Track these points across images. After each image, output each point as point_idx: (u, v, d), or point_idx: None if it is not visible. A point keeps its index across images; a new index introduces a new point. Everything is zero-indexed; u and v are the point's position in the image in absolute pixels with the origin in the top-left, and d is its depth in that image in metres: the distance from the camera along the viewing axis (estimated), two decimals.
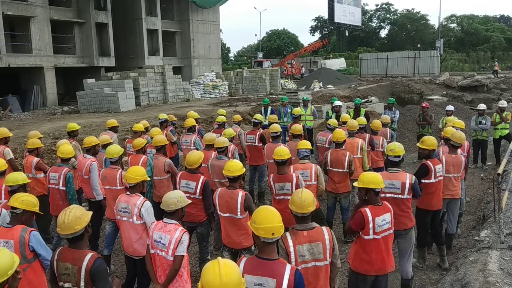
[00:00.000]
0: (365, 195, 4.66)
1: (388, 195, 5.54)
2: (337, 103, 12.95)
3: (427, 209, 6.53)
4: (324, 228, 4.00)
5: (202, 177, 6.10)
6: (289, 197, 5.84)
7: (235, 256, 5.59)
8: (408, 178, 5.59)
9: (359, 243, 4.68)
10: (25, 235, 4.17)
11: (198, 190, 6.02)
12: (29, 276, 4.08)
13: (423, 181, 6.31)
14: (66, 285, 3.64)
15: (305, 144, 6.92)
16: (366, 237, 4.57)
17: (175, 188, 6.60)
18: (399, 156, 5.69)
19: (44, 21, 29.14)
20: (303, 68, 47.34)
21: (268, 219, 3.37)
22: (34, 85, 28.80)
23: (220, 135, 8.14)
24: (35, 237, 4.22)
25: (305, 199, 3.93)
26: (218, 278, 2.55)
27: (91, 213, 3.73)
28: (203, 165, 6.48)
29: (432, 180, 6.35)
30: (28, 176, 5.98)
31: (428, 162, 6.35)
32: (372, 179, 4.62)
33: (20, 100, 28.26)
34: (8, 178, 5.35)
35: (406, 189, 5.56)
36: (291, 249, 3.88)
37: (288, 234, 3.93)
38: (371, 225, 4.53)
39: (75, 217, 3.54)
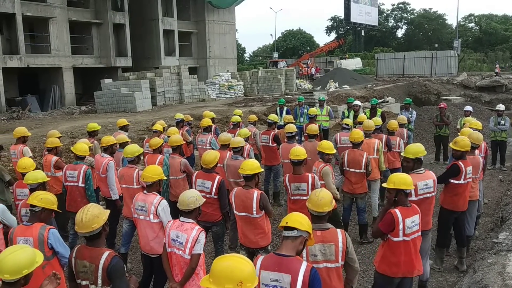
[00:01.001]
0: (395, 196, 4.60)
1: (423, 196, 5.47)
2: (357, 102, 12.86)
3: (453, 209, 6.45)
4: (339, 230, 3.98)
5: (217, 177, 6.12)
6: (304, 198, 5.88)
7: (251, 255, 5.60)
8: (434, 175, 5.62)
9: (388, 245, 4.61)
10: (44, 232, 4.23)
11: (213, 190, 6.04)
12: (48, 273, 4.12)
13: (452, 181, 6.26)
14: (84, 282, 3.69)
15: (330, 149, 6.81)
16: (395, 239, 4.51)
17: (190, 188, 6.64)
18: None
19: (62, 22, 29.56)
20: (313, 68, 47.03)
21: (290, 217, 3.49)
22: (52, 85, 29.22)
23: (235, 135, 8.17)
24: (54, 234, 4.28)
25: (322, 198, 3.93)
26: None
27: (108, 211, 3.77)
28: (218, 165, 6.51)
29: (461, 181, 6.26)
30: (47, 175, 6.07)
31: (460, 162, 6.26)
32: (403, 180, 4.58)
33: (39, 99, 28.70)
34: (27, 177, 5.44)
35: (436, 186, 5.56)
36: None
37: None
38: (401, 226, 4.47)
39: (92, 215, 3.58)
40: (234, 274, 2.50)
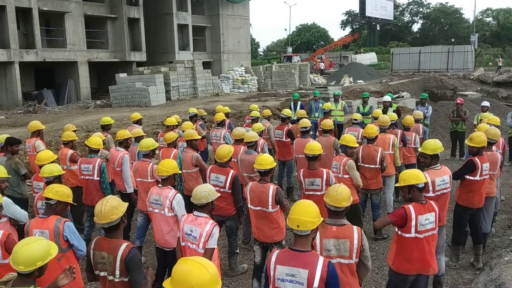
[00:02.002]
0: (408, 193, 4.55)
1: (440, 192, 5.43)
2: (386, 98, 12.70)
3: (468, 206, 6.36)
4: (355, 227, 3.95)
5: (231, 171, 6.12)
6: (319, 193, 5.88)
7: (265, 250, 5.60)
8: (449, 170, 5.56)
9: (399, 242, 4.56)
10: (60, 225, 4.27)
11: (227, 184, 6.05)
12: (63, 265, 4.17)
13: (467, 177, 6.18)
14: (102, 273, 3.73)
15: (353, 143, 6.80)
16: (407, 235, 4.46)
17: (204, 182, 6.66)
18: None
19: (78, 16, 29.78)
20: (321, 63, 46.68)
21: (296, 211, 3.40)
22: (68, 79, 29.48)
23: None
24: (69, 227, 4.32)
25: (341, 194, 3.91)
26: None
27: (127, 204, 3.80)
28: (233, 159, 6.51)
29: (477, 178, 6.17)
30: (62, 168, 6.13)
31: (476, 158, 6.17)
32: (413, 175, 4.54)
33: (55, 93, 28.97)
34: (43, 170, 5.49)
35: (451, 182, 5.51)
36: (317, 241, 3.90)
37: None
38: (413, 223, 4.42)
39: (111, 207, 3.61)
40: (187, 280, 2.43)
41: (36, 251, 3.05)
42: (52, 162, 5.99)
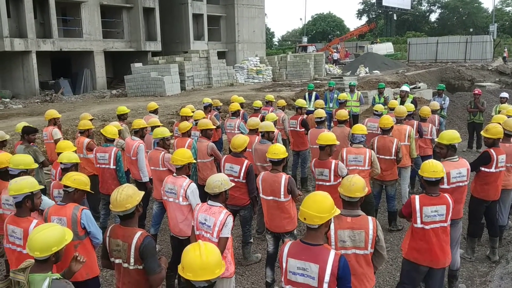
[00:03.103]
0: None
1: (455, 185, 5.36)
2: (404, 88, 12.53)
3: (483, 199, 6.26)
4: (370, 217, 3.95)
5: (246, 161, 6.13)
6: (327, 183, 5.92)
7: (277, 239, 5.62)
8: (467, 163, 5.48)
9: (410, 230, 4.67)
10: (77, 212, 4.33)
11: (242, 174, 6.06)
12: (80, 252, 4.23)
13: (482, 169, 6.07)
14: (117, 261, 3.77)
15: (361, 129, 6.80)
16: (415, 225, 4.55)
17: (219, 171, 6.68)
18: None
19: (94, 6, 29.92)
20: (336, 53, 46.19)
21: (307, 204, 3.33)
22: (84, 68, 29.73)
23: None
24: (86, 215, 4.38)
25: (355, 184, 3.90)
26: (199, 258, 2.65)
27: (143, 193, 3.82)
28: (247, 149, 6.52)
29: (493, 170, 6.04)
30: (79, 156, 6.19)
31: (491, 150, 6.04)
32: (423, 167, 4.57)
33: (71, 83, 29.27)
34: (62, 156, 5.57)
35: (469, 175, 5.43)
36: (332, 232, 3.89)
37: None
38: (418, 214, 4.48)
39: (127, 195, 3.64)
40: (183, 259, 2.69)
41: (51, 237, 3.09)
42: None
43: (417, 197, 4.54)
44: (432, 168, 4.51)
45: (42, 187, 4.50)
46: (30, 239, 3.11)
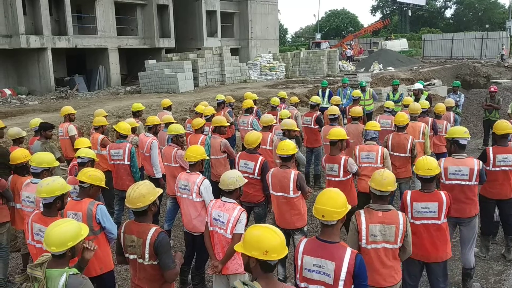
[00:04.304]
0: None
1: (454, 182, 5.34)
2: (418, 86, 12.39)
3: (487, 196, 6.20)
4: (400, 212, 4.00)
5: (260, 158, 6.12)
6: (336, 179, 6.00)
7: (288, 236, 5.60)
8: (476, 164, 5.34)
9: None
10: (93, 208, 4.38)
11: (256, 171, 6.06)
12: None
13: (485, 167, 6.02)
14: (132, 256, 3.80)
15: (374, 126, 6.79)
16: (409, 220, 4.52)
17: (232, 168, 6.69)
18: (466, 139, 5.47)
19: (108, 3, 30.11)
20: (349, 50, 45.81)
21: (322, 200, 3.33)
22: (99, 65, 29.97)
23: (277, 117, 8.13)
24: (102, 210, 4.43)
25: (386, 178, 3.96)
26: (278, 237, 2.74)
27: (160, 191, 3.84)
28: (261, 146, 6.52)
29: (490, 168, 5.98)
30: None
31: (490, 148, 6.07)
32: (418, 165, 4.58)
33: (86, 80, 29.52)
34: (80, 151, 5.64)
35: (474, 176, 5.31)
36: (363, 226, 3.92)
37: (362, 212, 3.99)
38: (409, 209, 4.55)
39: (140, 194, 3.67)
40: (260, 244, 2.69)
41: (67, 232, 3.13)
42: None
43: (409, 192, 4.62)
44: (427, 166, 4.51)
45: (71, 187, 4.56)
46: (46, 234, 3.15)
